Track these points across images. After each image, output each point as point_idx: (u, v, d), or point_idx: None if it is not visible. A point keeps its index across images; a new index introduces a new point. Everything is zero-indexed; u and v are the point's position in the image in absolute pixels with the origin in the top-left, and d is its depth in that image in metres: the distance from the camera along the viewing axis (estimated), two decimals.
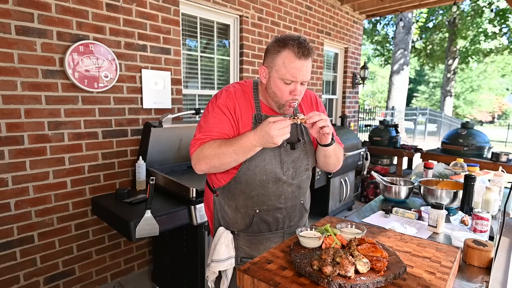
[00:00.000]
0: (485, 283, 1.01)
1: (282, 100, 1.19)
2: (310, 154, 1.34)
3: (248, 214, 1.31)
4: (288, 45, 1.12)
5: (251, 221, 1.31)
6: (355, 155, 4.07)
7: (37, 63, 1.99)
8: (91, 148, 2.30)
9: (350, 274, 0.86)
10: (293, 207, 1.36)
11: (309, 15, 4.15)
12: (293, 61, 1.12)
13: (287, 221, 1.36)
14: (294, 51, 1.11)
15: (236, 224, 1.33)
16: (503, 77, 22.37)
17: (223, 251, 1.32)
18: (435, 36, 15.12)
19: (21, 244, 2.06)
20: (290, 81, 1.15)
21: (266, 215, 1.31)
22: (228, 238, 1.33)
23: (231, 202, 1.32)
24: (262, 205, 1.29)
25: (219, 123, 1.22)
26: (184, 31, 2.94)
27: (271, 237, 1.35)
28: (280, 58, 1.14)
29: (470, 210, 1.59)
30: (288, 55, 1.12)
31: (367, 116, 9.60)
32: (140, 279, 2.65)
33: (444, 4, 5.57)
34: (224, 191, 1.32)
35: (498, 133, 14.92)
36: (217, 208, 1.36)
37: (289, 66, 1.12)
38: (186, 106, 3.04)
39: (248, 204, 1.30)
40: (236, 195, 1.30)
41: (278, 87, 1.17)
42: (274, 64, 1.16)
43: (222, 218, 1.36)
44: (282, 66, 1.13)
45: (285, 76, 1.14)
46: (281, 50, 1.13)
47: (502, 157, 3.72)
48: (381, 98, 25.01)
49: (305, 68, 1.14)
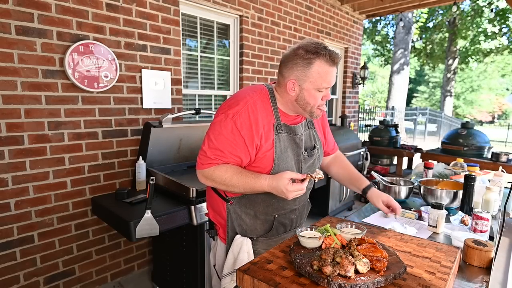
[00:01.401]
0: (485, 283, 1.01)
1: (314, 108, 1.20)
2: (320, 158, 1.40)
3: (268, 220, 1.32)
4: (320, 55, 1.11)
5: (270, 226, 1.33)
6: (355, 155, 4.07)
7: (37, 63, 1.99)
8: (91, 148, 2.30)
9: (350, 274, 0.86)
10: (303, 206, 1.44)
11: (309, 15, 4.15)
12: (328, 70, 1.13)
13: (299, 220, 1.44)
14: (326, 60, 1.12)
15: (255, 230, 1.33)
16: (503, 77, 22.38)
17: (245, 259, 1.28)
18: (435, 36, 15.12)
19: (21, 244, 2.06)
20: (324, 89, 1.17)
21: (284, 218, 1.35)
22: (248, 245, 1.31)
23: (249, 210, 1.30)
24: (281, 210, 1.33)
25: (233, 144, 1.16)
26: (184, 31, 2.94)
27: (286, 237, 1.39)
28: (313, 70, 1.13)
29: (470, 210, 1.59)
30: (322, 65, 1.12)
31: (367, 116, 9.61)
32: (140, 279, 2.65)
33: (444, 4, 5.57)
34: (241, 200, 1.29)
35: (498, 133, 14.92)
36: (232, 217, 1.31)
37: (325, 76, 1.13)
38: (186, 106, 3.04)
39: (268, 211, 1.31)
40: (257, 203, 1.29)
41: (313, 96, 1.17)
42: (307, 76, 1.14)
43: (239, 225, 1.32)
44: (318, 77, 1.13)
45: (321, 85, 1.15)
46: (313, 62, 1.12)
47: (502, 157, 3.72)
48: (381, 98, 25.01)
49: (335, 72, 1.18)
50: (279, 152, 1.20)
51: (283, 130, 1.21)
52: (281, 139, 1.21)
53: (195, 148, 2.70)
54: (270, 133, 1.19)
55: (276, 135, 1.20)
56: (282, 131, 1.21)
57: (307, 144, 1.30)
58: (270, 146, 1.19)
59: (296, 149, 1.26)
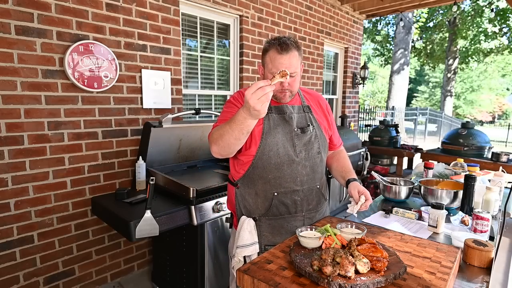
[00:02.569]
0: (486, 283, 1.01)
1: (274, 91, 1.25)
2: (320, 138, 1.46)
3: (267, 197, 1.40)
4: (271, 44, 1.31)
5: (270, 204, 1.40)
6: (355, 155, 4.07)
7: (37, 63, 1.99)
8: (91, 148, 2.30)
9: (350, 274, 0.86)
10: (310, 191, 1.45)
11: (309, 15, 4.15)
12: (276, 56, 1.29)
13: (305, 204, 1.44)
14: (276, 48, 1.29)
15: (257, 209, 1.43)
16: (503, 77, 22.38)
17: (247, 237, 1.40)
18: (435, 36, 15.12)
19: (21, 244, 2.06)
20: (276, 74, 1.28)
21: (284, 197, 1.40)
22: (250, 224, 1.41)
23: (250, 189, 1.43)
24: (279, 188, 1.39)
25: (231, 114, 1.31)
26: (184, 31, 2.94)
27: (291, 220, 1.43)
28: (267, 57, 1.33)
29: (470, 210, 1.59)
30: (272, 53, 1.31)
31: (367, 116, 9.61)
32: (140, 279, 2.65)
33: (444, 4, 5.57)
34: (244, 181, 1.44)
35: (498, 133, 14.91)
36: (238, 200, 1.47)
37: (274, 61, 1.30)
38: (186, 106, 3.04)
39: (267, 188, 1.40)
40: (255, 181, 1.41)
41: None
42: (264, 62, 1.35)
43: (244, 207, 1.46)
44: (269, 63, 1.32)
45: (271, 70, 1.31)
46: (268, 50, 1.33)
47: (503, 157, 3.71)
48: (381, 98, 25.01)
49: (287, 61, 1.29)
50: (267, 128, 1.37)
51: (273, 111, 1.40)
52: (271, 118, 1.39)
53: (195, 148, 2.70)
54: None
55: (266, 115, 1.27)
56: (272, 111, 1.40)
57: (300, 123, 1.43)
58: (259, 123, 1.37)
59: (287, 127, 1.41)
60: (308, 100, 1.53)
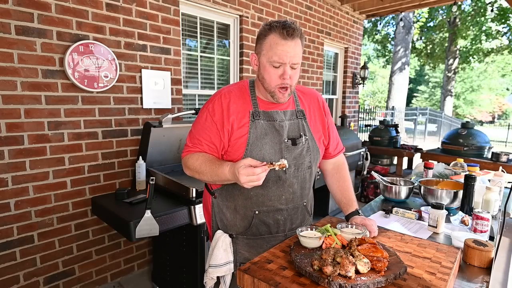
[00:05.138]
0: (486, 283, 1.01)
1: (272, 86, 1.16)
2: (312, 151, 1.28)
3: (247, 215, 1.26)
4: (273, 27, 1.10)
5: (249, 223, 1.26)
6: (355, 155, 4.07)
7: (37, 63, 1.99)
8: (91, 148, 2.30)
9: (351, 274, 0.86)
10: (295, 209, 1.30)
11: (309, 15, 4.15)
12: (280, 42, 1.09)
13: (288, 224, 1.30)
14: (280, 32, 1.09)
15: (234, 226, 1.29)
16: (503, 77, 22.37)
17: (221, 256, 1.26)
18: (435, 36, 15.12)
19: (21, 244, 2.06)
20: (278, 64, 1.12)
21: (266, 216, 1.25)
22: (226, 241, 1.28)
23: (229, 203, 1.28)
24: (261, 206, 1.24)
25: (206, 130, 1.21)
26: (184, 31, 2.94)
27: (271, 240, 1.29)
28: (267, 41, 1.12)
29: (470, 210, 1.59)
30: (274, 37, 1.10)
31: (367, 116, 9.61)
32: (140, 279, 2.64)
33: (444, 4, 5.57)
34: (222, 192, 1.29)
35: (498, 133, 14.91)
36: (215, 211, 1.32)
37: (276, 48, 1.10)
38: (186, 106, 3.04)
39: (247, 205, 1.24)
40: (235, 196, 1.25)
41: (268, 71, 1.14)
42: (262, 48, 1.14)
43: (220, 220, 1.31)
44: (269, 49, 1.11)
45: (272, 58, 1.11)
46: (268, 34, 1.12)
47: (502, 157, 3.71)
48: (381, 98, 25.01)
49: (292, 49, 1.10)
50: (253, 138, 1.18)
51: (261, 117, 1.20)
52: (258, 126, 1.19)
53: None
54: (244, 120, 1.19)
55: (252, 121, 1.19)
56: (260, 117, 1.20)
57: (292, 132, 1.24)
58: (244, 132, 1.18)
59: (277, 137, 1.21)
60: (303, 102, 1.33)
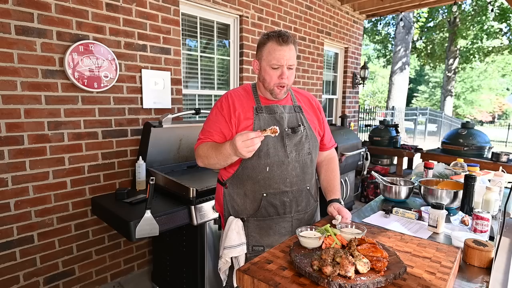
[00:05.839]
0: (485, 283, 1.01)
1: (271, 84, 1.36)
2: (311, 139, 1.45)
3: (256, 198, 1.39)
4: (270, 37, 1.32)
5: (259, 205, 1.39)
6: (355, 155, 4.07)
7: (37, 63, 1.99)
8: (91, 148, 2.30)
9: (350, 274, 0.86)
10: (299, 192, 1.43)
11: (309, 15, 4.15)
12: (276, 48, 1.30)
13: (294, 205, 1.42)
14: (276, 39, 1.30)
15: (245, 210, 1.42)
16: (503, 77, 22.37)
17: (234, 237, 1.39)
18: (435, 36, 15.11)
19: (21, 244, 2.06)
20: (277, 66, 1.32)
21: (273, 198, 1.39)
22: (238, 224, 1.41)
23: (239, 190, 1.42)
24: (268, 189, 1.38)
25: (217, 123, 1.40)
26: (184, 31, 2.94)
27: (280, 221, 1.42)
28: (266, 48, 1.33)
29: (470, 210, 1.59)
30: (271, 45, 1.31)
31: (367, 116, 9.60)
32: (140, 279, 2.65)
33: (444, 4, 5.57)
34: (233, 181, 1.43)
35: (498, 133, 14.91)
36: (226, 200, 1.47)
37: (274, 53, 1.31)
38: (186, 106, 3.04)
39: (256, 189, 1.39)
40: (244, 181, 1.40)
41: (268, 73, 1.34)
42: (262, 55, 1.35)
43: (232, 207, 1.45)
44: (268, 55, 1.32)
45: (271, 62, 1.31)
46: (266, 42, 1.33)
47: (502, 157, 3.71)
48: (381, 98, 25.00)
49: (287, 53, 1.31)
50: (257, 128, 1.35)
51: (263, 111, 1.40)
52: (261, 118, 1.38)
53: None
54: (249, 114, 1.39)
55: (256, 115, 1.38)
56: (262, 111, 1.40)
57: (291, 123, 1.42)
58: (249, 124, 1.37)
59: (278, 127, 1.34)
60: (299, 100, 1.52)
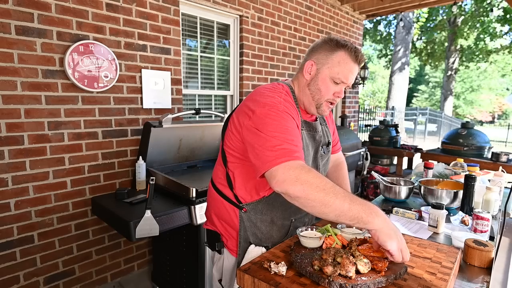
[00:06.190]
0: (486, 283, 1.01)
1: (323, 99, 1.15)
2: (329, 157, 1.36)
3: (285, 225, 1.25)
4: (346, 47, 1.11)
5: (287, 231, 1.25)
6: (355, 155, 4.07)
7: (37, 63, 1.99)
8: (91, 148, 2.30)
9: (351, 274, 0.86)
10: None
11: (309, 15, 4.15)
12: (349, 62, 1.11)
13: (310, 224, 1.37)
14: (352, 53, 1.10)
15: (271, 238, 1.24)
16: (503, 77, 22.37)
17: None
18: (436, 36, 15.12)
19: (21, 244, 2.06)
20: (340, 82, 1.13)
21: (299, 222, 1.28)
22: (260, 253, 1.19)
23: (265, 216, 1.20)
24: (298, 213, 1.26)
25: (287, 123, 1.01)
26: (184, 31, 2.93)
27: None
28: (336, 56, 1.11)
29: (470, 210, 1.59)
30: (345, 56, 1.10)
31: (367, 116, 9.61)
32: (140, 279, 2.64)
33: (444, 4, 5.57)
34: (258, 206, 1.18)
35: (498, 133, 14.92)
36: (245, 225, 1.20)
37: (344, 67, 1.11)
38: (186, 106, 3.04)
39: (285, 215, 1.23)
40: (275, 208, 1.20)
41: (326, 84, 1.13)
42: (327, 61, 1.12)
43: (253, 234, 1.21)
44: (336, 65, 1.11)
45: (337, 75, 1.11)
46: (338, 50, 1.11)
47: (502, 157, 3.71)
48: (381, 98, 25.00)
49: (356, 73, 1.13)
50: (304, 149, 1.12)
51: (304, 127, 1.18)
52: (303, 136, 1.17)
53: (195, 148, 2.70)
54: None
55: (302, 131, 1.16)
56: (303, 128, 1.18)
57: (323, 141, 1.28)
58: None
59: (315, 146, 1.23)
60: None
